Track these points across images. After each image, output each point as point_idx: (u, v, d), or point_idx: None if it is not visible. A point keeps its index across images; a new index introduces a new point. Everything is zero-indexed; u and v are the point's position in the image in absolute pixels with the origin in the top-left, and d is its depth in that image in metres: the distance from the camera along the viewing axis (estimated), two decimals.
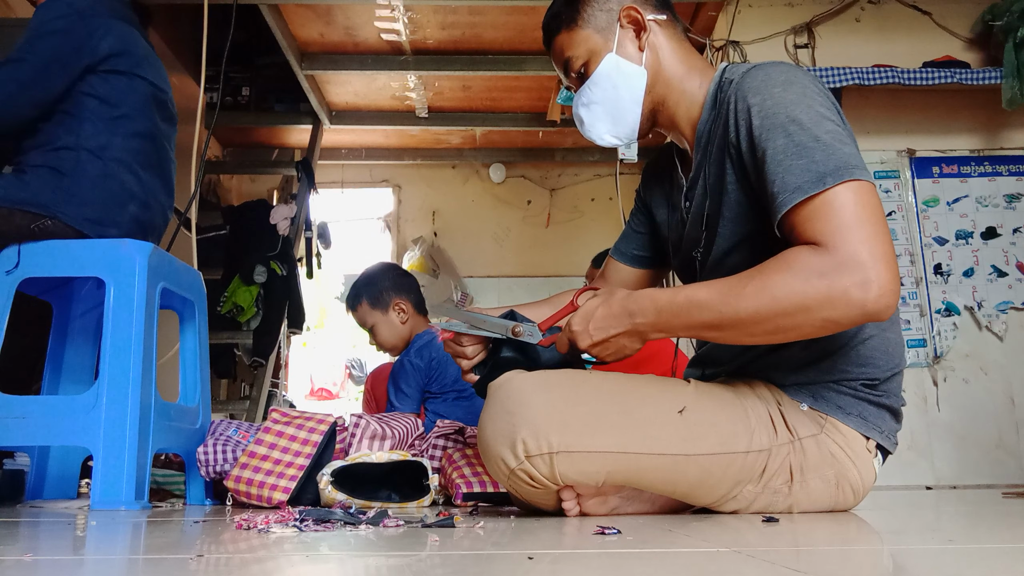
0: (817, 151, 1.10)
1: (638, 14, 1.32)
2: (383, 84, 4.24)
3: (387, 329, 2.57)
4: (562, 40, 1.37)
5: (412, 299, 2.60)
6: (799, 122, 1.13)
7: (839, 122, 1.17)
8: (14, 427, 1.63)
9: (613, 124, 1.36)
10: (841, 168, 1.09)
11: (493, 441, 1.16)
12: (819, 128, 1.13)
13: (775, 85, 1.18)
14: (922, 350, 3.17)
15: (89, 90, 1.83)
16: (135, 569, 0.69)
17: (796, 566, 0.64)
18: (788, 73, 1.20)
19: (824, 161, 1.09)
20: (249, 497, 1.65)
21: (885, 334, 1.27)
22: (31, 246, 1.75)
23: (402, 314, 2.56)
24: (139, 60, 1.93)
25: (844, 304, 1.04)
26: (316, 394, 6.02)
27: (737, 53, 3.34)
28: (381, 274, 2.64)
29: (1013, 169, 3.33)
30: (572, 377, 1.22)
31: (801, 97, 1.16)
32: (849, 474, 1.24)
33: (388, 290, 2.57)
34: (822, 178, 1.08)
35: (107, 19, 1.88)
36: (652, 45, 1.33)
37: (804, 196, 1.09)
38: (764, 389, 1.27)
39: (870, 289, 1.03)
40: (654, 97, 1.34)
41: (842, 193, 1.08)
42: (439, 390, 2.43)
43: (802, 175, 1.10)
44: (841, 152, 1.10)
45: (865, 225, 1.06)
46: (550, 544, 0.86)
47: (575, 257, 5.15)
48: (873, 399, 1.26)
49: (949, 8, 3.40)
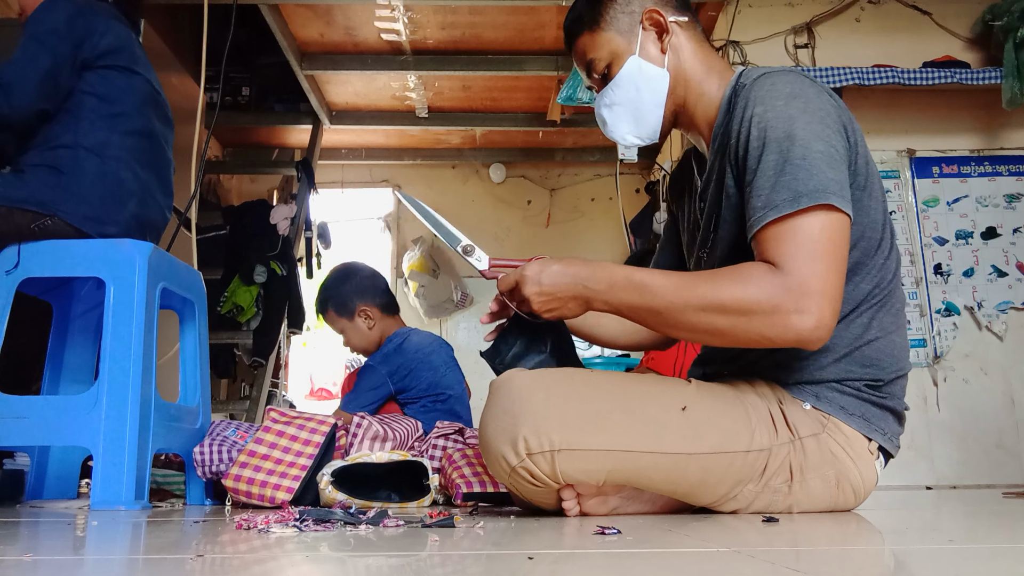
0: (802, 170, 1.13)
1: (660, 16, 1.33)
2: (383, 84, 4.24)
3: (355, 335, 2.54)
4: (584, 42, 1.37)
5: (378, 302, 2.55)
6: (793, 138, 1.15)
7: (836, 141, 1.18)
8: (14, 427, 1.63)
9: (635, 125, 1.37)
10: (819, 191, 1.12)
11: (494, 439, 1.17)
12: (810, 148, 1.15)
13: (779, 97, 1.19)
14: (922, 350, 3.17)
15: (87, 88, 1.83)
16: (135, 569, 0.69)
17: (796, 566, 0.64)
18: (794, 85, 1.21)
19: (806, 181, 1.12)
20: (249, 496, 1.65)
21: (891, 337, 1.27)
22: (31, 246, 1.75)
23: (368, 320, 2.52)
24: (137, 58, 1.94)
25: (782, 326, 1.10)
26: (316, 394, 6.02)
27: (737, 53, 3.34)
28: (343, 279, 2.58)
29: (1013, 169, 3.33)
30: (574, 375, 1.22)
31: (801, 113, 1.17)
32: (850, 474, 1.24)
33: (352, 296, 2.52)
34: (798, 198, 1.12)
35: (106, 18, 1.89)
36: (674, 47, 1.34)
37: (778, 215, 1.13)
38: (765, 388, 1.27)
39: (808, 321, 1.10)
40: (675, 99, 1.35)
41: (811, 221, 1.12)
42: (415, 396, 2.39)
43: (782, 193, 1.13)
44: (823, 176, 1.13)
45: (823, 258, 1.11)
46: (550, 544, 0.86)
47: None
48: (876, 401, 1.26)
49: (949, 8, 3.40)
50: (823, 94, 1.22)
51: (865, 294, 1.26)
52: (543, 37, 3.77)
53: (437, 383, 2.42)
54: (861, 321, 1.25)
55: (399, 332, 2.48)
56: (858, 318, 1.25)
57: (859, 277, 1.25)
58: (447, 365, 2.48)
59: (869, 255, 1.26)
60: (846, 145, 1.20)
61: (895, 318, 1.28)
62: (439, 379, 2.43)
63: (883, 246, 1.27)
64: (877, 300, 1.26)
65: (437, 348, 2.50)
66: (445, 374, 2.45)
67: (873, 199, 1.26)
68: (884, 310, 1.27)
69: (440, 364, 2.46)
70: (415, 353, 2.42)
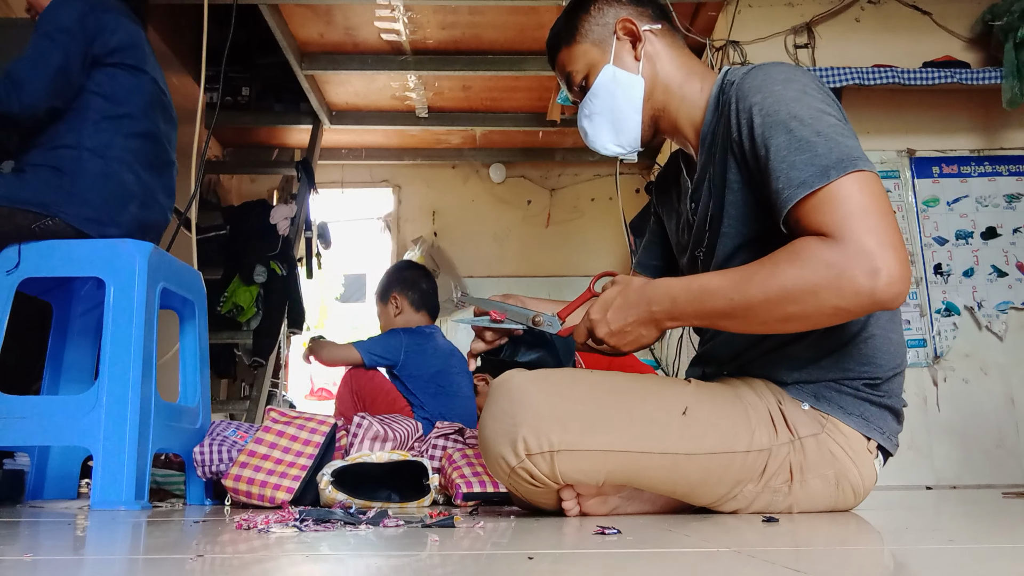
0: (819, 145, 1.11)
1: (633, 25, 1.35)
2: (383, 84, 4.24)
3: (384, 319, 2.81)
4: (563, 56, 1.42)
5: (411, 296, 2.78)
6: (800, 118, 1.14)
7: (839, 117, 1.18)
8: (14, 427, 1.63)
9: (615, 133, 1.39)
10: (844, 160, 1.10)
11: (494, 440, 1.17)
12: (820, 123, 1.14)
13: (775, 83, 1.20)
14: (922, 350, 3.17)
15: (94, 87, 1.83)
16: (135, 569, 0.69)
17: (796, 566, 0.64)
18: (787, 72, 1.22)
19: (827, 155, 1.10)
20: (249, 496, 1.65)
21: (887, 333, 1.27)
22: (31, 246, 1.75)
23: (396, 308, 2.76)
24: (146, 56, 1.94)
25: (853, 292, 1.05)
26: (316, 394, 6.02)
27: (737, 53, 3.34)
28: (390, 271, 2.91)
29: (1013, 169, 3.33)
30: (573, 376, 1.22)
31: (801, 94, 1.17)
32: (849, 474, 1.24)
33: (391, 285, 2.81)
34: (826, 171, 1.09)
35: (117, 15, 1.89)
36: (648, 54, 1.36)
37: (809, 190, 1.10)
38: (764, 388, 1.27)
39: (879, 277, 1.04)
40: (654, 104, 1.37)
41: (847, 184, 1.09)
42: (425, 378, 2.55)
43: (806, 170, 1.11)
44: (844, 145, 1.11)
45: (871, 214, 1.07)
46: (550, 544, 0.86)
47: (575, 257, 5.15)
48: (875, 399, 1.26)
49: (949, 8, 3.40)
50: (815, 79, 1.23)
51: None
52: (543, 37, 3.73)
53: (448, 375, 2.59)
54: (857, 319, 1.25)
55: (421, 329, 2.71)
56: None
57: None
58: (461, 372, 2.65)
59: None
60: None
61: (891, 315, 1.29)
62: (450, 376, 2.60)
63: None
64: None
65: (455, 352, 2.72)
66: (456, 375, 2.63)
67: None
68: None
69: (454, 367, 2.63)
70: (431, 343, 2.66)
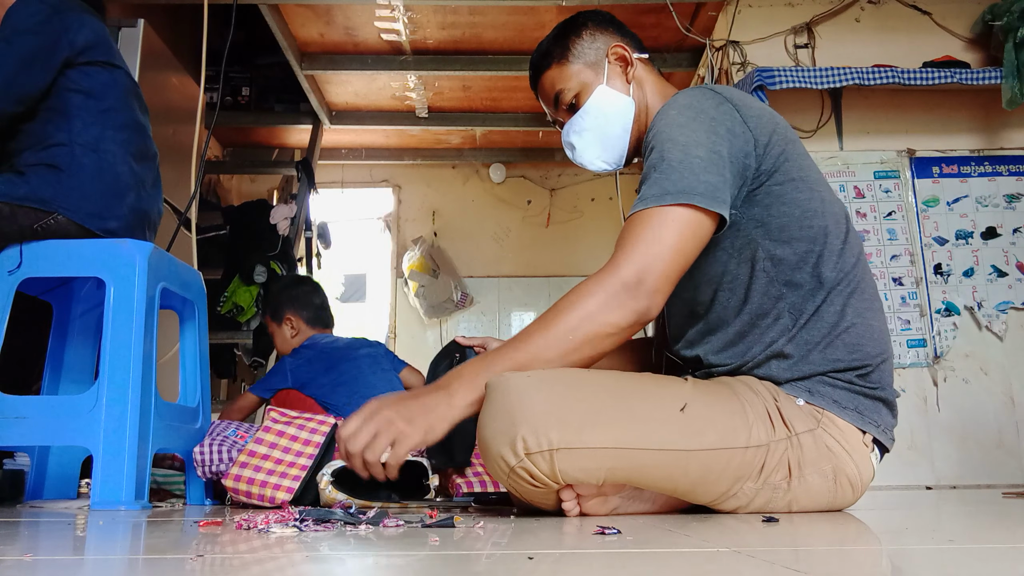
0: (674, 172, 1.21)
1: (625, 51, 1.47)
2: (383, 84, 4.24)
3: (280, 340, 2.80)
4: (552, 75, 1.49)
5: (305, 315, 2.74)
6: (675, 142, 1.24)
7: (721, 147, 1.24)
8: (14, 427, 1.63)
9: (603, 150, 1.49)
10: (685, 192, 1.19)
11: (493, 440, 1.17)
12: (688, 152, 1.23)
13: (673, 107, 1.30)
14: (922, 350, 3.17)
15: (72, 85, 1.83)
16: (135, 569, 0.69)
17: (795, 566, 0.64)
18: (693, 98, 1.30)
19: (677, 182, 1.20)
20: (249, 496, 1.65)
21: (868, 321, 1.31)
22: (32, 246, 1.75)
23: (292, 328, 2.74)
24: (114, 51, 1.94)
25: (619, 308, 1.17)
26: None
27: (737, 53, 3.34)
28: (278, 289, 2.87)
29: (1013, 169, 3.33)
30: (571, 374, 1.22)
31: (691, 120, 1.26)
32: (846, 468, 1.25)
33: (282, 305, 2.76)
34: (664, 195, 1.20)
35: (79, 13, 1.88)
36: (637, 79, 1.48)
37: (644, 207, 1.21)
38: (760, 385, 1.28)
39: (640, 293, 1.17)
40: (639, 126, 1.48)
41: (665, 213, 1.19)
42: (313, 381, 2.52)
43: (653, 188, 1.21)
44: (696, 179, 1.20)
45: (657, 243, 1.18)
46: (550, 544, 0.86)
47: (575, 257, 5.15)
48: (868, 391, 1.28)
49: (949, 8, 3.40)
50: (724, 104, 1.29)
51: (832, 281, 1.30)
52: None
53: (342, 365, 2.53)
54: (833, 308, 1.29)
55: (313, 337, 2.67)
56: (829, 306, 1.29)
57: (818, 265, 1.30)
58: (366, 356, 2.58)
59: (818, 243, 1.30)
60: (746, 150, 1.26)
61: (869, 303, 1.33)
62: (345, 364, 2.53)
63: (834, 234, 1.32)
64: (845, 287, 1.31)
65: (355, 342, 2.64)
66: (357, 360, 2.56)
67: (803, 192, 1.31)
68: (856, 296, 1.31)
69: (351, 356, 2.56)
70: (316, 349, 2.60)
